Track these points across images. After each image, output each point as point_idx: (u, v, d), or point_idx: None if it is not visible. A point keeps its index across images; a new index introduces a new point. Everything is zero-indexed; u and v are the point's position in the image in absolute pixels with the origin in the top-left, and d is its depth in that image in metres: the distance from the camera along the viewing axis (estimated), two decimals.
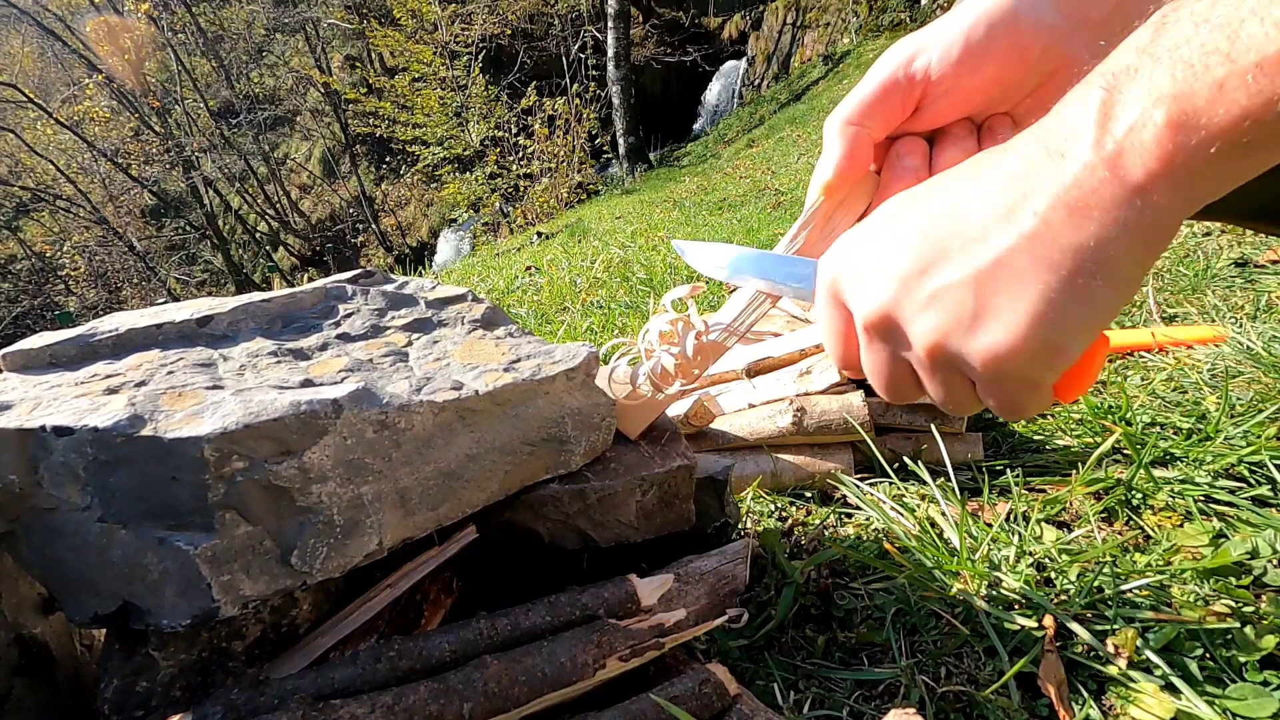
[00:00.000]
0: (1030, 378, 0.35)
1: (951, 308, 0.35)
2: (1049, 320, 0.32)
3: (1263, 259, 1.48)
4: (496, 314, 0.77)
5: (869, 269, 0.40)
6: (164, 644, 0.51)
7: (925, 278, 0.36)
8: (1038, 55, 0.41)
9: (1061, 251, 0.31)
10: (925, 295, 0.36)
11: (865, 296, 0.40)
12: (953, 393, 0.39)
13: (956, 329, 0.35)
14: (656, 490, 0.73)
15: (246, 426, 0.48)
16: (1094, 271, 0.31)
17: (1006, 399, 0.36)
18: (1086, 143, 0.31)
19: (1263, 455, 0.80)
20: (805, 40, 12.89)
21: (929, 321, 0.36)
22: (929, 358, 0.38)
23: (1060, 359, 0.33)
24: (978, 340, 0.35)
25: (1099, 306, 0.32)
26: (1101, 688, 0.60)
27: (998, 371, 0.35)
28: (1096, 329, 0.33)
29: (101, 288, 14.71)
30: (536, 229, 7.39)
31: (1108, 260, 0.31)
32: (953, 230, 0.36)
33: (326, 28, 15.81)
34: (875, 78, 0.44)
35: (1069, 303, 0.32)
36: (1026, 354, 0.33)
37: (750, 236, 3.07)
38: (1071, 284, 0.31)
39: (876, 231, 0.40)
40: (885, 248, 0.39)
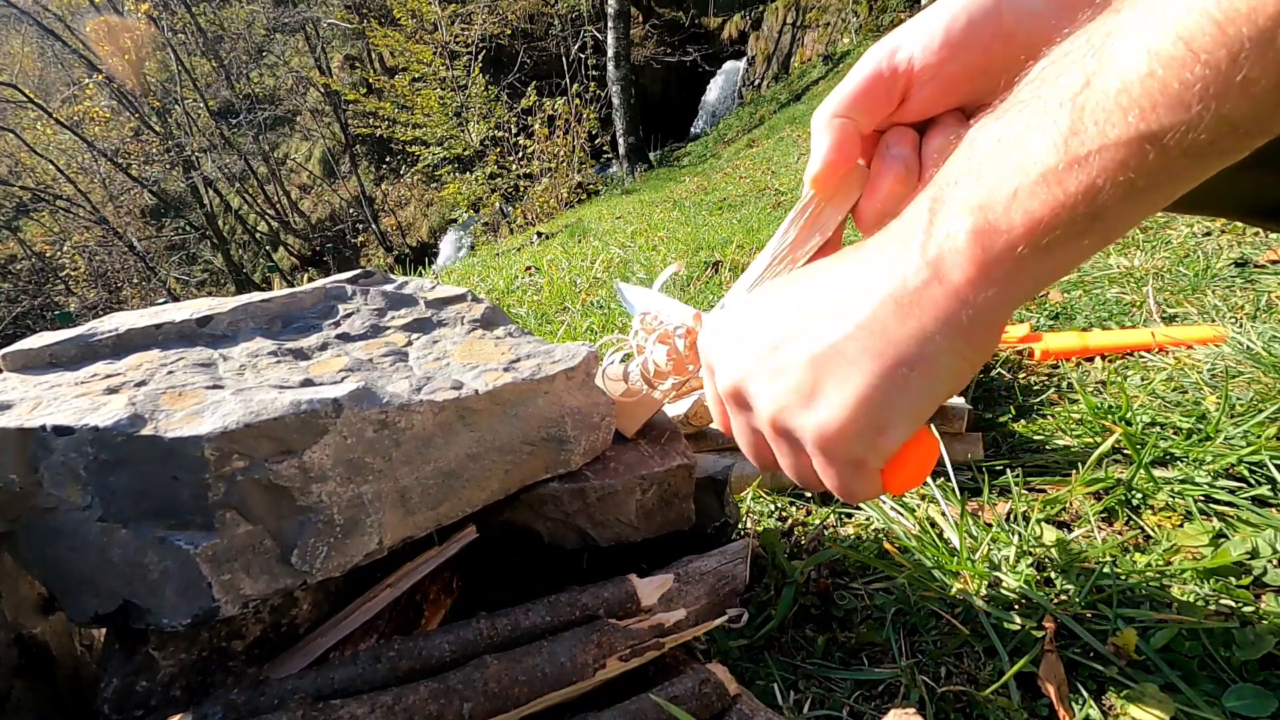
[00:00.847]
0: (855, 457, 0.37)
1: (791, 383, 0.38)
2: (871, 404, 0.35)
3: (1263, 259, 1.48)
4: (496, 314, 0.77)
5: (731, 342, 0.43)
6: (164, 644, 0.51)
7: (774, 353, 0.40)
8: (1022, 43, 0.40)
9: (886, 343, 0.34)
10: (770, 369, 0.40)
11: (723, 367, 0.44)
12: (796, 466, 0.42)
13: (793, 404, 0.38)
14: (656, 489, 0.73)
15: (247, 426, 0.48)
16: (914, 364, 0.34)
17: (837, 477, 0.39)
18: (915, 246, 0.33)
19: (1263, 455, 0.80)
20: (805, 40, 12.89)
21: (771, 394, 0.40)
22: (771, 428, 0.41)
23: (882, 442, 0.36)
24: (810, 416, 0.38)
25: (918, 396, 0.35)
26: (1101, 688, 0.60)
27: (827, 448, 0.38)
28: (916, 417, 0.36)
29: (101, 288, 14.71)
30: (536, 229, 7.39)
31: (927, 355, 0.33)
32: (806, 312, 0.39)
33: (326, 28, 15.81)
34: (859, 71, 0.45)
35: (889, 390, 0.35)
36: (850, 434, 0.36)
37: (750, 237, 3.07)
38: (893, 373, 0.34)
39: (749, 306, 0.44)
40: (751, 322, 0.43)
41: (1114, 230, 0.30)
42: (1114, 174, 0.28)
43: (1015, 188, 0.30)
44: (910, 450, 0.38)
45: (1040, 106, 0.30)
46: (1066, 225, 0.29)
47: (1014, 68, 0.42)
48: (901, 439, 0.36)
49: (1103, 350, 1.25)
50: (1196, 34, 0.24)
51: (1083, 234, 0.29)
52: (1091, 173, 0.28)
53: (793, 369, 0.38)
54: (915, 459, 0.38)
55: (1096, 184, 0.28)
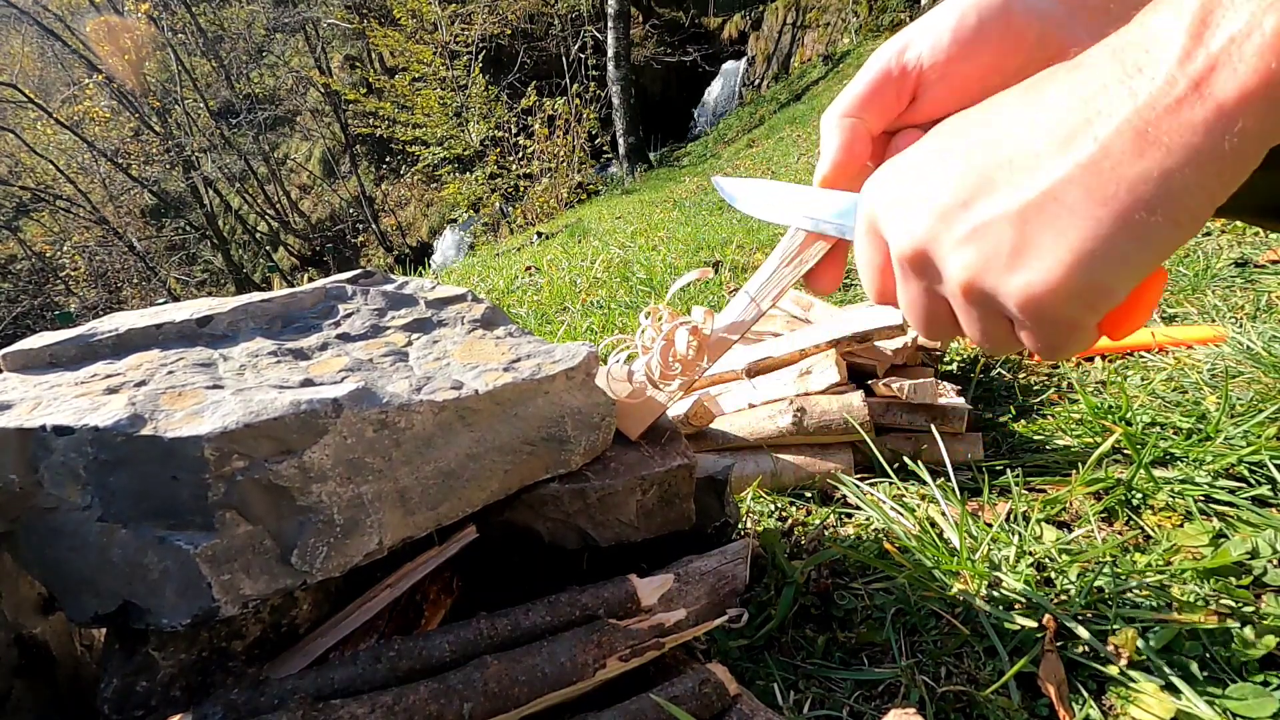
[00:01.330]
0: (1070, 318, 0.32)
1: (991, 244, 0.33)
2: (1095, 260, 0.30)
3: (1263, 259, 1.48)
4: (496, 314, 0.77)
5: (908, 200, 0.37)
6: (164, 644, 0.51)
7: (966, 211, 0.34)
8: (1033, 41, 0.40)
9: (1119, 183, 0.28)
10: (965, 230, 0.34)
11: (902, 230, 0.38)
12: (990, 332, 0.36)
13: (994, 266, 0.33)
14: (656, 489, 0.73)
15: (247, 426, 0.48)
16: (1155, 206, 0.28)
17: (1046, 340, 0.34)
18: (1172, 56, 0.27)
19: (1263, 455, 0.80)
20: (805, 40, 12.89)
21: (965, 258, 0.34)
22: (964, 296, 0.35)
23: (1104, 300, 0.31)
24: (1015, 279, 0.32)
25: (1155, 244, 0.29)
26: (1101, 688, 0.60)
27: (1036, 312, 0.32)
28: (1149, 268, 0.30)
29: (101, 288, 14.71)
30: (536, 229, 7.39)
31: (1173, 193, 0.27)
32: (1003, 158, 0.33)
33: (326, 28, 15.81)
34: (869, 71, 0.44)
35: (1121, 241, 0.29)
36: (1067, 295, 0.31)
37: (750, 237, 3.07)
38: (1127, 220, 0.28)
39: (921, 158, 0.38)
40: (928, 177, 0.37)
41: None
42: None
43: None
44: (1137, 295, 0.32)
45: None
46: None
47: (1025, 68, 0.41)
48: (1128, 292, 0.31)
49: (1103, 350, 1.25)
50: None
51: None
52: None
53: (993, 227, 0.33)
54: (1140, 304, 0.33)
55: None
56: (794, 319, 1.34)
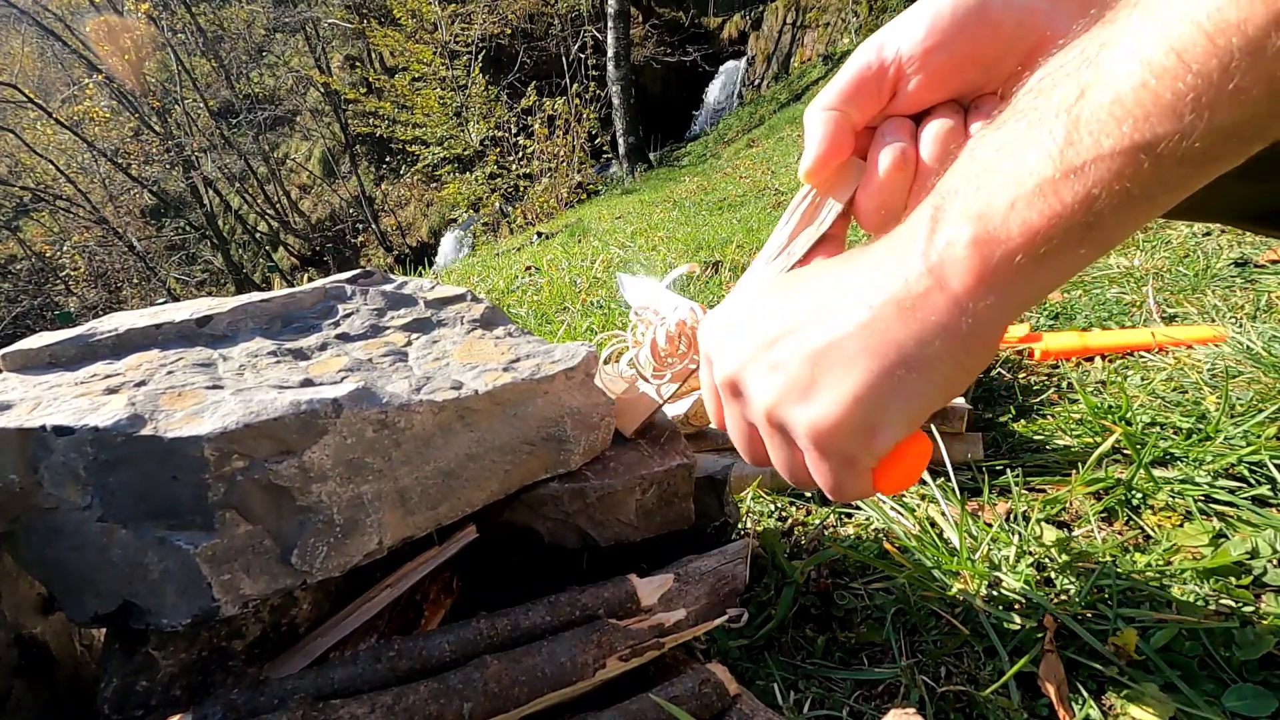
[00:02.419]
0: (847, 454, 0.38)
1: (788, 377, 0.39)
2: (866, 402, 0.35)
3: (1263, 259, 1.48)
4: (496, 314, 0.77)
5: (730, 333, 0.44)
6: (164, 643, 0.51)
7: (773, 347, 0.40)
8: (1011, 32, 0.40)
9: (886, 343, 0.35)
10: (769, 363, 0.40)
11: (723, 358, 0.44)
12: (788, 460, 0.42)
13: (789, 397, 0.39)
14: (656, 489, 0.73)
15: (246, 426, 0.48)
16: (911, 366, 0.34)
17: (829, 474, 0.39)
18: (918, 252, 0.34)
19: (1263, 455, 0.80)
20: (805, 40, 12.89)
21: (768, 387, 0.40)
22: (766, 421, 0.41)
23: (875, 441, 0.36)
24: (805, 410, 0.38)
25: (913, 398, 0.35)
26: (1101, 688, 0.60)
27: (819, 443, 0.38)
28: (910, 419, 0.36)
29: (101, 288, 14.71)
30: (536, 229, 7.39)
31: (926, 359, 0.34)
32: (808, 309, 0.39)
33: (326, 28, 15.81)
34: (850, 66, 0.45)
35: (885, 390, 0.35)
36: (844, 430, 0.36)
37: (750, 237, 3.07)
38: (890, 374, 0.35)
39: (751, 300, 0.45)
40: (752, 316, 0.43)
41: (1111, 239, 0.30)
42: (1109, 184, 0.28)
43: (1013, 198, 0.30)
44: (902, 451, 0.38)
45: (1037, 117, 0.30)
46: (1063, 234, 0.30)
47: (1004, 58, 0.42)
48: (895, 439, 0.37)
49: (1103, 350, 1.25)
50: (1188, 45, 0.24)
51: (1079, 243, 0.30)
52: (1087, 183, 0.28)
53: (791, 363, 0.38)
54: (907, 461, 0.39)
55: (1092, 194, 0.28)
56: None
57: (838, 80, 0.45)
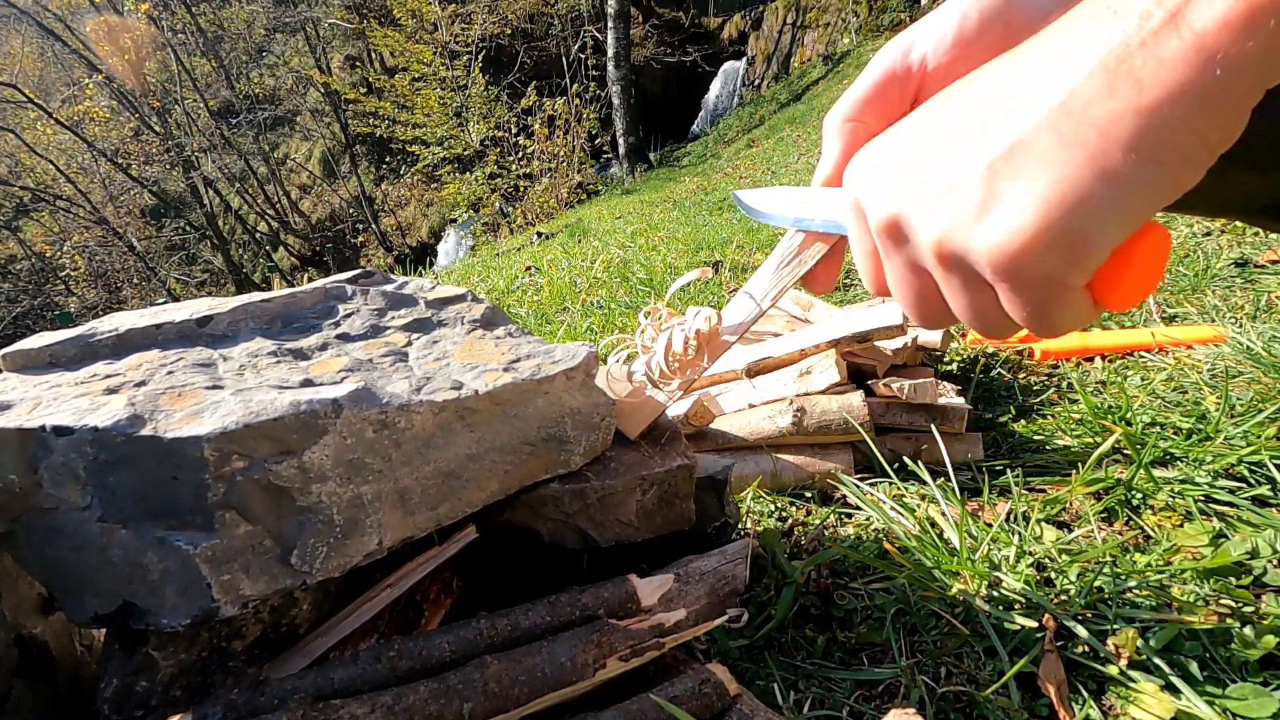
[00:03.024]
0: (1048, 275, 0.30)
1: (959, 201, 0.31)
2: (1066, 205, 0.28)
3: (1263, 259, 1.48)
4: (496, 314, 0.77)
5: (885, 171, 0.36)
6: (164, 644, 0.51)
7: (938, 170, 0.33)
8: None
9: (1090, 124, 0.27)
10: (935, 191, 0.33)
11: (877, 201, 0.36)
12: (976, 306, 0.34)
13: (963, 224, 0.31)
14: (656, 490, 0.73)
15: (246, 426, 0.48)
16: (1132, 145, 0.26)
17: (1032, 306, 0.31)
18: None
19: (1263, 455, 0.80)
20: (805, 40, 12.89)
21: (935, 219, 0.33)
22: (939, 261, 0.33)
23: (1083, 253, 0.28)
24: (984, 233, 0.30)
25: (1136, 188, 0.27)
26: (1101, 688, 0.60)
27: (1010, 270, 0.30)
28: (1132, 216, 0.27)
29: (101, 288, 14.71)
30: (536, 229, 7.39)
31: (1151, 131, 0.26)
32: (978, 116, 0.32)
33: (326, 28, 15.81)
34: (871, 74, 0.44)
35: (1094, 184, 0.27)
36: (1039, 246, 0.29)
37: (750, 237, 3.07)
38: (1100, 162, 0.27)
39: (900, 130, 0.37)
40: (905, 147, 0.36)
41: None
42: None
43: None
44: (1130, 254, 0.29)
45: None
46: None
47: None
48: (1112, 244, 0.28)
49: (1103, 350, 1.25)
50: None
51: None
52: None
53: (965, 183, 0.31)
54: (1138, 263, 0.29)
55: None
56: (794, 319, 1.34)
57: (858, 87, 0.44)
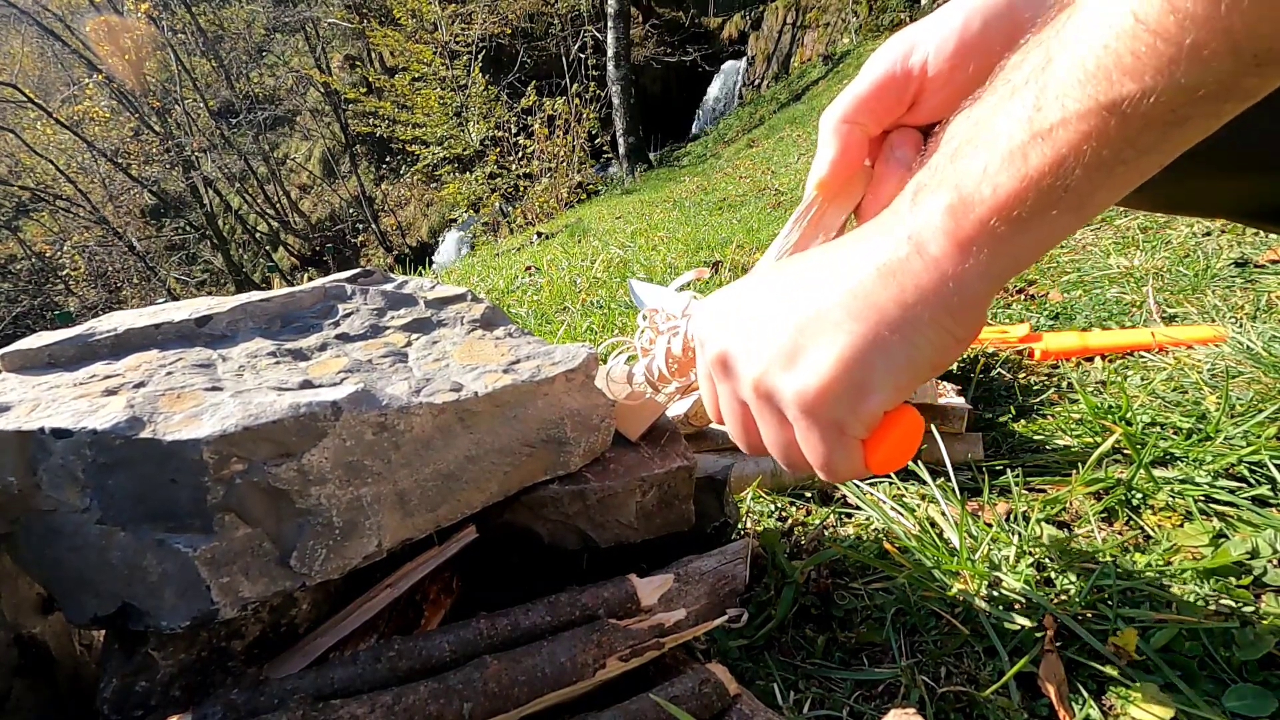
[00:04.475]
0: (836, 420, 0.38)
1: (775, 347, 0.39)
2: (852, 364, 0.36)
3: (1263, 259, 1.48)
4: (496, 314, 0.77)
5: (721, 314, 0.45)
6: (163, 644, 0.51)
7: (760, 321, 0.41)
8: None
9: (870, 307, 0.35)
10: (756, 335, 0.41)
11: (712, 337, 0.45)
12: (779, 438, 0.42)
13: (775, 365, 0.39)
14: (656, 491, 0.73)
15: (245, 429, 0.48)
16: (896, 328, 0.35)
17: (820, 444, 0.39)
18: (899, 225, 0.35)
19: (1263, 455, 0.80)
20: (805, 40, 12.88)
21: (755, 357, 0.41)
22: (754, 393, 0.41)
23: (863, 405, 0.37)
24: (792, 377, 0.38)
25: (900, 362, 0.35)
26: (1101, 688, 0.60)
27: (807, 409, 0.38)
28: (898, 384, 0.36)
29: (101, 288, 14.71)
30: (536, 229, 7.39)
31: (911, 322, 0.34)
32: (794, 286, 0.40)
33: (326, 27, 15.80)
34: (870, 74, 0.45)
35: (871, 352, 0.35)
36: (831, 394, 0.37)
37: (750, 237, 3.07)
38: (875, 335, 0.35)
39: (742, 286, 0.45)
40: (741, 297, 0.44)
41: (1087, 204, 0.31)
42: (1078, 145, 0.29)
43: (984, 164, 0.31)
44: (893, 424, 0.38)
45: (1009, 89, 0.32)
46: (1036, 197, 0.30)
47: None
48: (883, 404, 0.37)
49: (1103, 350, 1.25)
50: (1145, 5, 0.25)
51: (1054, 205, 0.31)
52: (1056, 145, 0.29)
53: (778, 333, 0.39)
54: (898, 434, 0.38)
55: (1061, 154, 0.29)
56: None
57: (857, 87, 0.45)
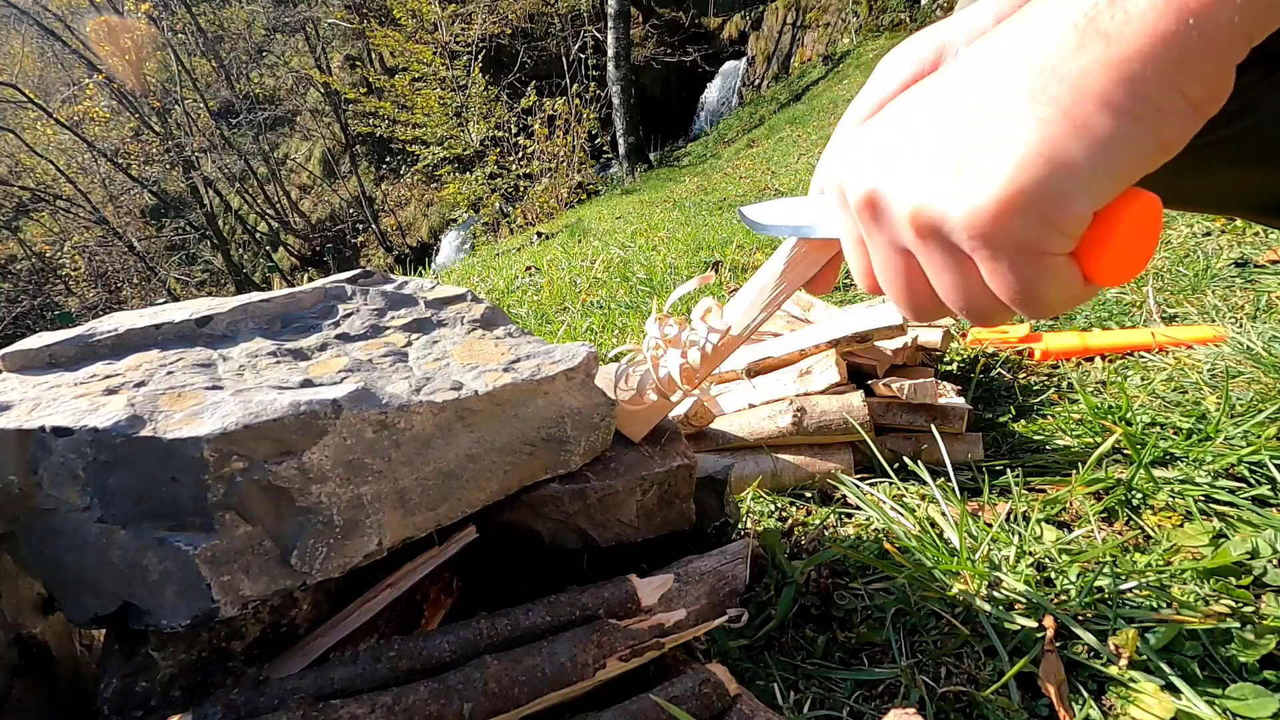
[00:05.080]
0: (1028, 240, 0.28)
1: (933, 169, 0.30)
2: (1040, 162, 0.26)
3: (1263, 259, 1.48)
4: (496, 314, 0.77)
5: (864, 154, 0.35)
6: (163, 644, 0.51)
7: (914, 144, 0.32)
8: None
9: (1062, 80, 0.26)
10: (911, 162, 0.32)
11: (855, 180, 0.35)
12: (960, 284, 0.32)
13: (937, 192, 0.30)
14: (656, 490, 0.73)
15: (246, 427, 0.48)
16: (1106, 100, 0.25)
17: (1014, 278, 0.29)
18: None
19: (1263, 455, 0.80)
20: (805, 40, 12.88)
21: (911, 187, 0.31)
22: (917, 233, 0.32)
23: (1062, 214, 0.27)
24: (960, 195, 0.29)
25: (1113, 145, 0.26)
26: (1101, 688, 0.60)
27: (986, 235, 0.29)
28: (1111, 176, 0.26)
29: (101, 288, 14.71)
30: (536, 229, 7.39)
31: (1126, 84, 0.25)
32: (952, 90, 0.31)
33: (327, 28, 15.80)
34: (895, 76, 0.40)
35: (1068, 140, 0.26)
36: (1014, 207, 0.27)
37: (750, 237, 3.07)
38: (1073, 117, 0.26)
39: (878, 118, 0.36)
40: (883, 129, 0.35)
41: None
42: None
43: None
44: (1113, 221, 0.27)
45: None
46: None
47: None
48: (1090, 207, 0.27)
49: (1103, 350, 1.25)
50: None
51: None
52: None
53: (939, 151, 0.30)
54: (1124, 232, 0.27)
55: None
56: (794, 319, 1.34)
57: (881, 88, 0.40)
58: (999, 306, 0.32)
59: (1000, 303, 0.32)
